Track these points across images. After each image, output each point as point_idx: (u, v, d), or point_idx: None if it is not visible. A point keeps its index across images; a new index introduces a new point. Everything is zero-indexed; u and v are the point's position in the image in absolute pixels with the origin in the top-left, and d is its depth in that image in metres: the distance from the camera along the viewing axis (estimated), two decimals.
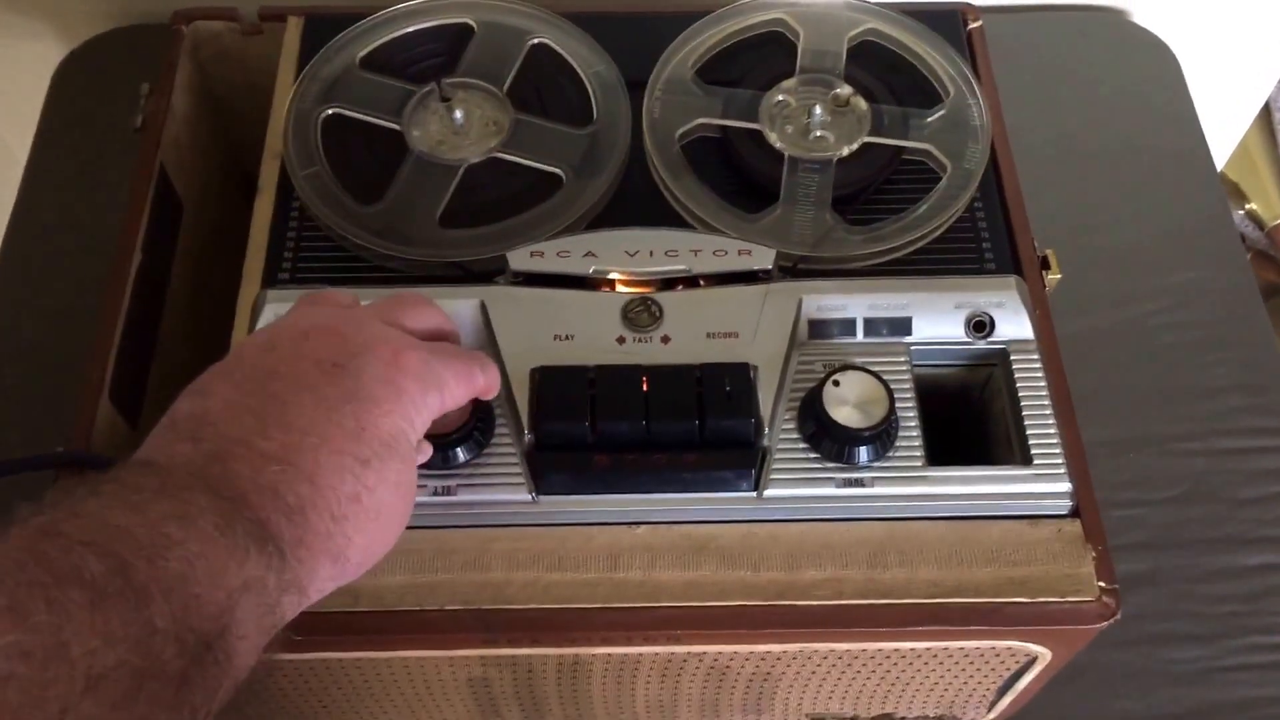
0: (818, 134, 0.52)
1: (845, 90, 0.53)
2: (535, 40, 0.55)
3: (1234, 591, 0.63)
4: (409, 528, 0.44)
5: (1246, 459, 0.67)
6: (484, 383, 0.41)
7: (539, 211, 0.50)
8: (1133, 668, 0.60)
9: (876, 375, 0.45)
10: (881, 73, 0.54)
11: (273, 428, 0.35)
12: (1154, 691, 0.60)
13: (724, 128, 0.52)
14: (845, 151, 0.51)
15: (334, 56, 0.54)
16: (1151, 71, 0.82)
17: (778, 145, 0.51)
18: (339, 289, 0.44)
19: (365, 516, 0.36)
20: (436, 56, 0.54)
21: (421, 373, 0.38)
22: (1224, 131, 0.93)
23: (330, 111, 0.52)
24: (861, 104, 0.52)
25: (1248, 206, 1.41)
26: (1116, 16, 0.83)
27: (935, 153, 0.51)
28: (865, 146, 0.51)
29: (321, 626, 0.42)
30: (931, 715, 0.53)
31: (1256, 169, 1.40)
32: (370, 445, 0.36)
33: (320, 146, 0.51)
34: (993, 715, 0.53)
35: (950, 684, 0.48)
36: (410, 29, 0.55)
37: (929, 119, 0.52)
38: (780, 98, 0.53)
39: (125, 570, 0.30)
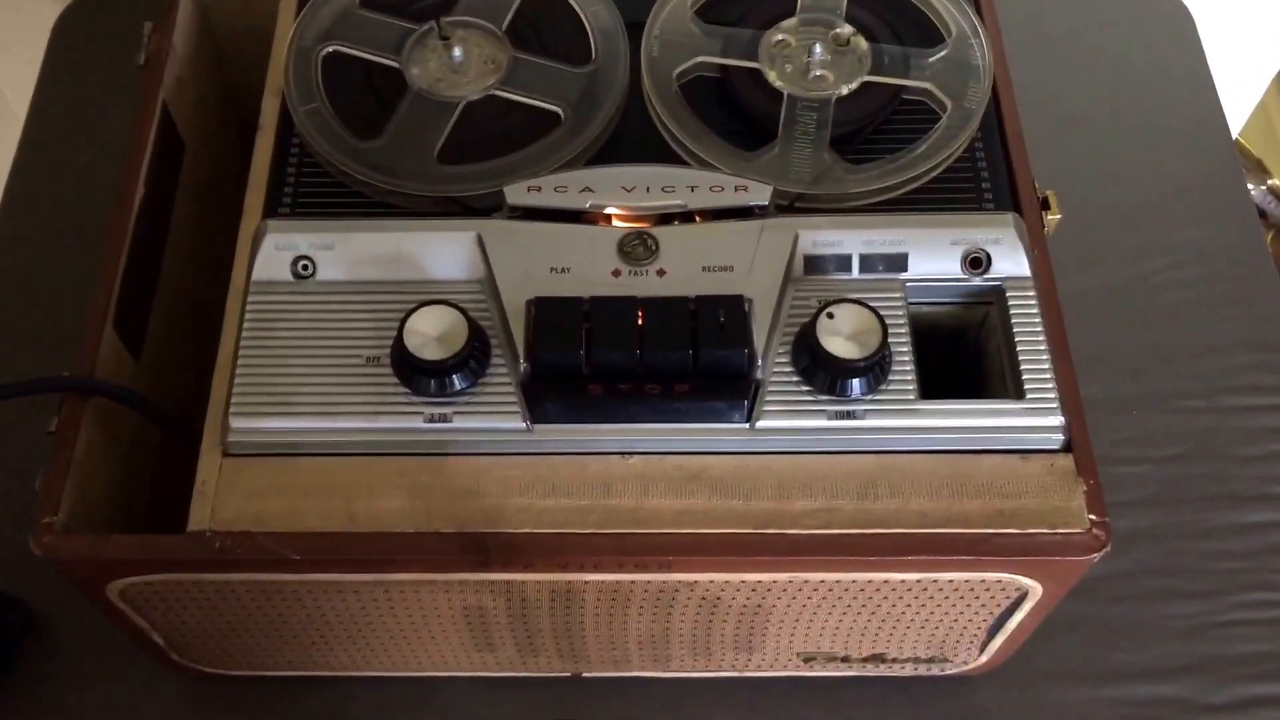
0: (817, 73, 0.52)
1: (846, 30, 0.52)
2: None
3: (1235, 548, 0.63)
4: (405, 454, 0.45)
5: (1250, 416, 0.67)
6: None
7: (537, 148, 0.50)
8: (1132, 621, 0.60)
9: (870, 307, 0.45)
10: (883, 13, 0.54)
11: None
12: (1153, 645, 0.60)
13: (723, 67, 0.52)
14: (845, 90, 0.51)
15: None
16: (1167, 29, 0.81)
17: (777, 84, 0.51)
18: None
19: None
20: None
21: None
22: (1239, 93, 0.93)
23: (330, 49, 0.53)
24: (862, 43, 0.52)
25: (1270, 182, 1.40)
26: None
27: (936, 92, 0.51)
28: (865, 86, 0.51)
29: (318, 546, 0.43)
30: (923, 656, 0.53)
31: None
32: None
33: (320, 83, 0.52)
34: (985, 658, 0.53)
35: (941, 621, 0.48)
36: None
37: (930, 59, 0.52)
38: (780, 37, 0.53)
39: None
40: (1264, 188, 1.40)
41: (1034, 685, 0.58)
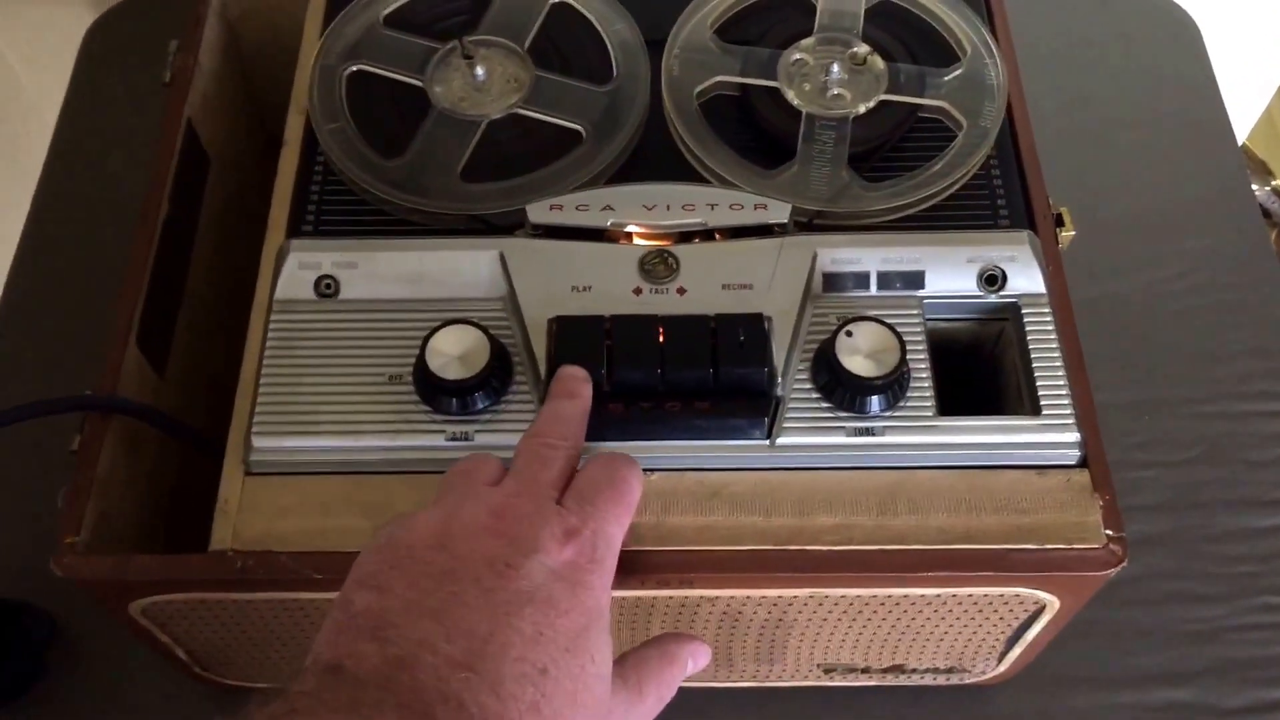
0: (835, 92, 0.52)
1: (863, 49, 0.53)
2: None
3: (1247, 552, 0.63)
4: (427, 473, 0.45)
5: (1261, 422, 0.67)
6: (638, 493, 0.41)
7: (559, 167, 0.51)
8: (1146, 626, 0.61)
9: (889, 326, 0.45)
10: (899, 32, 0.55)
11: (455, 631, 0.34)
12: (1167, 649, 0.60)
13: (742, 86, 0.53)
14: (862, 109, 0.52)
15: (358, 14, 0.55)
16: (1172, 38, 0.82)
17: (795, 103, 0.52)
18: (483, 456, 0.42)
19: None
20: (459, 14, 0.55)
21: (595, 554, 0.38)
22: (1244, 100, 0.93)
23: (354, 68, 0.53)
24: (879, 63, 0.53)
25: (1274, 183, 1.40)
26: None
27: (951, 110, 0.52)
28: (882, 104, 0.52)
29: (340, 565, 0.43)
30: (941, 667, 0.54)
31: None
32: (548, 651, 0.35)
33: (344, 102, 0.52)
34: (1002, 668, 0.54)
35: (960, 633, 0.49)
36: None
37: (946, 78, 0.53)
38: (798, 56, 0.53)
39: None
40: (1269, 189, 1.40)
41: (1049, 691, 0.58)
